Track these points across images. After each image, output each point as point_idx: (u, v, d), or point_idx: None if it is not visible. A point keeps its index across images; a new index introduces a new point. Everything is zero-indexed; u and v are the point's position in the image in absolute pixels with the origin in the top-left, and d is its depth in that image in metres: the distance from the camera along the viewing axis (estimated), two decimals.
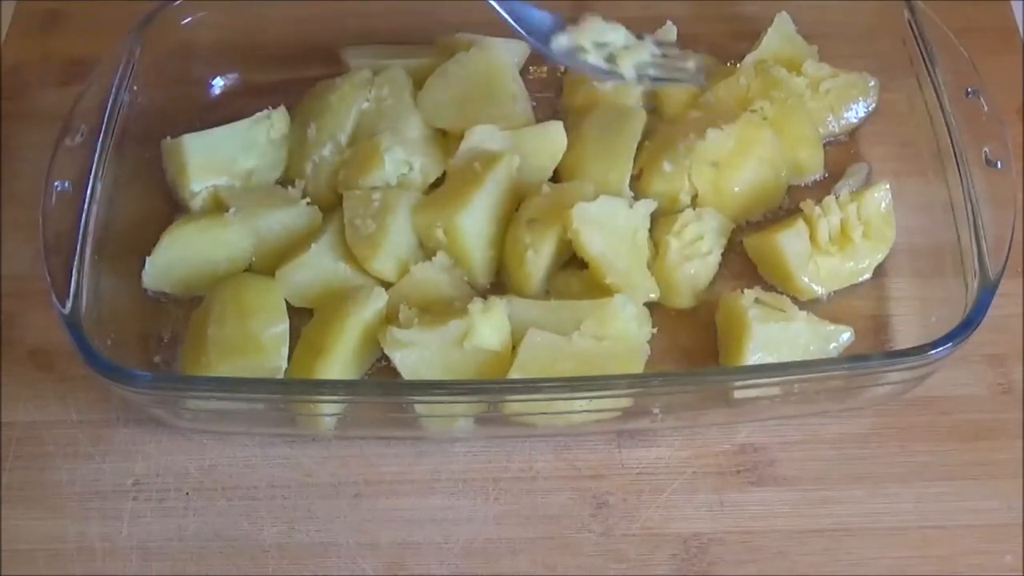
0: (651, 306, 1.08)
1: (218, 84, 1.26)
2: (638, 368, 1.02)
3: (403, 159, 1.13)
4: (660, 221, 1.11)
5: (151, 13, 1.17)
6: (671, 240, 1.08)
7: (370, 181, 1.11)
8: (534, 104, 1.20)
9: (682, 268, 1.08)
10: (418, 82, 1.19)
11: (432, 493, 1.02)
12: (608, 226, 1.07)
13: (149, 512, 1.02)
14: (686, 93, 1.19)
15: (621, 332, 1.02)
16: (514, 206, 1.12)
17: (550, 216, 1.07)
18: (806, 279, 1.08)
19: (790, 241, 1.08)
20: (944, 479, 1.01)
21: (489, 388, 1.00)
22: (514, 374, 1.00)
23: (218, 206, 1.13)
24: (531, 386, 0.97)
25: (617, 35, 1.07)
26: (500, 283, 1.12)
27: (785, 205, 1.16)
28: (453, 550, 0.99)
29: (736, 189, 1.12)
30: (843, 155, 1.19)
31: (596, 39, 1.06)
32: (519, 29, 1.03)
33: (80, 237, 1.02)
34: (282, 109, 1.19)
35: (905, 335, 1.07)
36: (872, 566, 0.97)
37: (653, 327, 1.06)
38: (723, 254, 1.11)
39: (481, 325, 1.01)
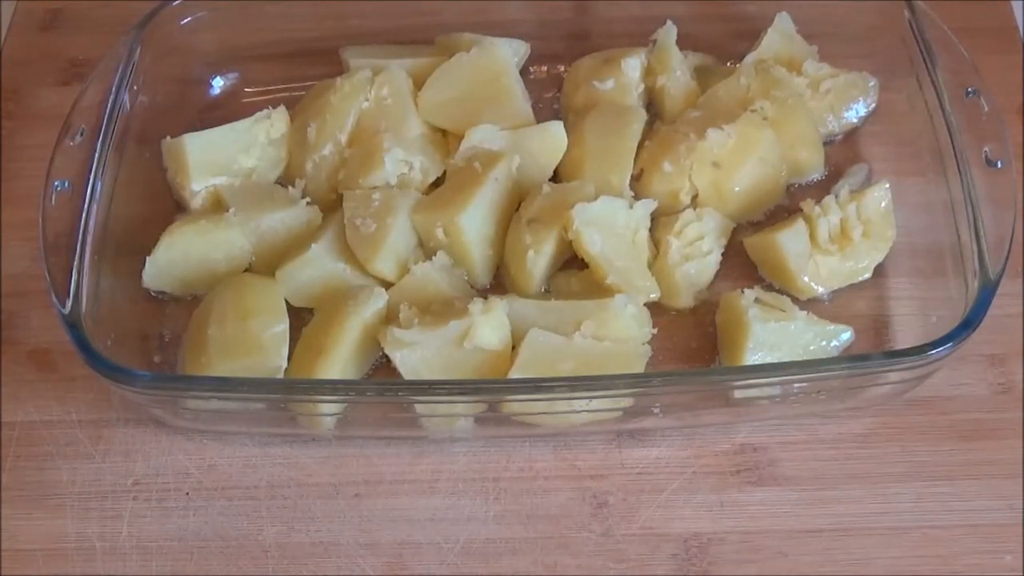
0: (651, 306, 1.07)
1: (218, 84, 1.26)
2: (638, 368, 1.02)
3: (403, 159, 1.13)
4: (660, 221, 1.11)
5: (151, 13, 1.17)
6: (671, 240, 1.08)
7: (370, 181, 1.11)
8: (534, 104, 1.20)
9: (682, 268, 1.08)
10: (418, 82, 1.19)
11: (432, 493, 1.02)
12: (608, 226, 1.07)
13: (149, 512, 1.02)
14: (686, 93, 1.19)
15: (621, 332, 1.02)
16: (514, 206, 1.12)
17: (550, 216, 1.07)
18: (806, 279, 1.08)
19: (790, 241, 1.08)
20: (944, 479, 1.01)
21: (489, 388, 1.00)
22: (514, 374, 1.00)
23: (218, 206, 1.13)
24: (531, 386, 0.97)
25: None
26: (500, 283, 1.12)
27: (785, 205, 1.16)
28: (453, 550, 0.99)
29: (736, 189, 1.12)
30: (843, 155, 1.19)
31: None
32: None
33: (80, 237, 1.02)
34: (282, 109, 1.19)
35: (905, 335, 1.07)
36: (872, 566, 0.97)
37: (653, 327, 1.06)
38: (723, 254, 1.11)
39: (481, 325, 1.01)
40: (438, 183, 1.15)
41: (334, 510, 1.02)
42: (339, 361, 1.01)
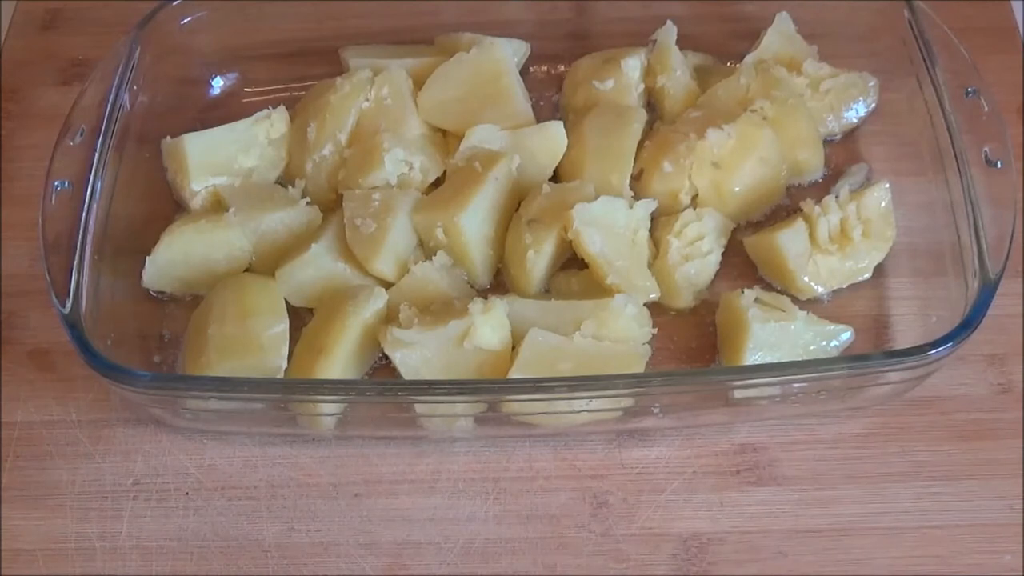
0: (651, 306, 1.07)
1: (218, 84, 1.26)
2: (638, 368, 1.02)
3: (403, 159, 1.13)
4: (660, 221, 1.11)
5: (151, 13, 1.17)
6: (671, 240, 1.08)
7: (370, 181, 1.11)
8: (534, 104, 1.20)
9: (682, 268, 1.08)
10: (418, 82, 1.19)
11: (432, 493, 1.02)
12: (608, 226, 1.07)
13: (149, 512, 1.02)
14: (686, 93, 1.19)
15: (621, 332, 1.02)
16: (514, 206, 1.12)
17: (550, 216, 1.07)
18: (806, 278, 1.08)
19: (790, 240, 1.08)
20: (944, 479, 1.01)
21: (489, 388, 1.00)
22: (514, 374, 1.00)
23: (218, 206, 1.13)
24: (531, 386, 0.97)
25: None
26: (500, 283, 1.12)
27: (785, 205, 1.16)
28: (453, 550, 0.99)
29: (736, 189, 1.12)
30: (843, 155, 1.19)
31: None
32: None
33: (80, 237, 1.02)
34: (282, 109, 1.19)
35: (905, 335, 1.07)
36: (872, 566, 0.97)
37: (653, 327, 1.06)
38: (723, 254, 1.11)
39: (481, 325, 1.01)
40: (438, 183, 1.15)
41: (334, 510, 1.02)
42: (339, 361, 1.01)
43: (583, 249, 1.06)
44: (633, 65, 1.19)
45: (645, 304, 1.07)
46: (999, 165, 1.03)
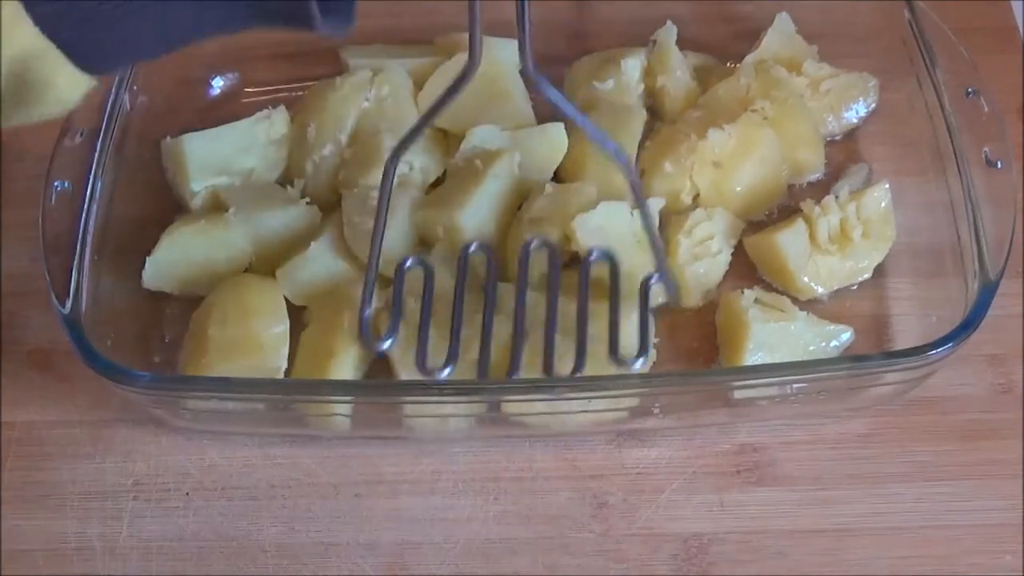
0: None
1: (218, 84, 1.26)
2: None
3: (403, 159, 1.12)
4: (667, 221, 1.11)
5: None
6: (681, 239, 1.08)
7: (370, 180, 1.11)
8: (534, 104, 1.20)
9: (692, 267, 1.08)
10: (418, 82, 1.19)
11: (432, 493, 1.02)
12: (612, 231, 1.06)
13: (149, 512, 1.02)
14: (686, 93, 1.19)
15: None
16: (515, 205, 1.12)
17: (552, 216, 1.07)
18: (806, 279, 1.08)
19: (790, 241, 1.08)
20: (945, 479, 1.01)
21: (489, 388, 1.00)
22: None
23: (218, 206, 1.13)
24: (531, 386, 0.97)
25: None
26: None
27: (786, 204, 1.16)
28: (453, 550, 0.99)
29: (737, 189, 1.12)
30: (843, 155, 1.19)
31: None
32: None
33: (80, 237, 1.02)
34: (282, 109, 1.19)
35: (905, 335, 1.07)
36: (873, 566, 0.97)
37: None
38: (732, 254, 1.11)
39: None
40: (438, 183, 1.15)
41: (334, 510, 1.02)
42: (347, 362, 1.01)
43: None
44: (633, 65, 1.19)
45: None
46: (999, 165, 1.03)
